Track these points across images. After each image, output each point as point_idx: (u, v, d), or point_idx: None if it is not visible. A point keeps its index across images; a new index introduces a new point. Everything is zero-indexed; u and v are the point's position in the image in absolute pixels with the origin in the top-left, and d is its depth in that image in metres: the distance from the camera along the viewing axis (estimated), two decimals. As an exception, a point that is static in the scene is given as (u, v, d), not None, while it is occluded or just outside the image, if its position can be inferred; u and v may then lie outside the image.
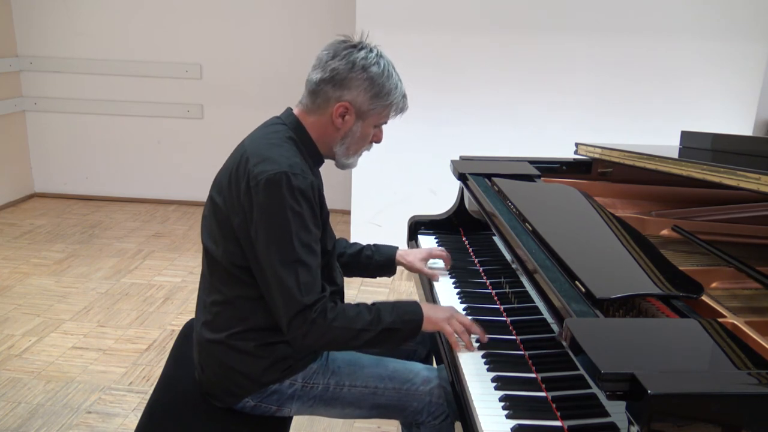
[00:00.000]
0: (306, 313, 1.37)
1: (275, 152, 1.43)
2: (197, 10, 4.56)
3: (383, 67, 1.48)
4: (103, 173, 4.96)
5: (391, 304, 1.49)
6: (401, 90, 1.53)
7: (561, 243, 1.43)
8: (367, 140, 1.56)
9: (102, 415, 2.37)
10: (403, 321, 1.46)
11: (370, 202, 3.96)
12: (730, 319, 1.21)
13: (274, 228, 1.37)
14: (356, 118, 1.50)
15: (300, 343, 1.41)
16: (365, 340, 1.43)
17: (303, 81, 1.54)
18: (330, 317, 1.39)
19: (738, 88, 3.63)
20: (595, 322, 1.12)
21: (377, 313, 1.45)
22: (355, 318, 1.42)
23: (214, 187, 1.52)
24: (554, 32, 3.62)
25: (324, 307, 1.39)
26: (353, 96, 1.47)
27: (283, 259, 1.37)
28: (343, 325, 1.40)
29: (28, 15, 4.66)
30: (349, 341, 1.43)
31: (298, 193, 1.38)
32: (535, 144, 3.64)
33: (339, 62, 1.45)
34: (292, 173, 1.38)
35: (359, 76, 1.45)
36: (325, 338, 1.40)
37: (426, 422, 1.55)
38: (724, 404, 0.89)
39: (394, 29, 3.66)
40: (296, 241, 1.37)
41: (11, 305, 3.20)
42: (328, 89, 1.47)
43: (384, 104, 1.50)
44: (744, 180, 1.52)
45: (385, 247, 1.87)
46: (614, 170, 2.19)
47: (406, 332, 1.48)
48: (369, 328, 1.43)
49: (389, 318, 1.45)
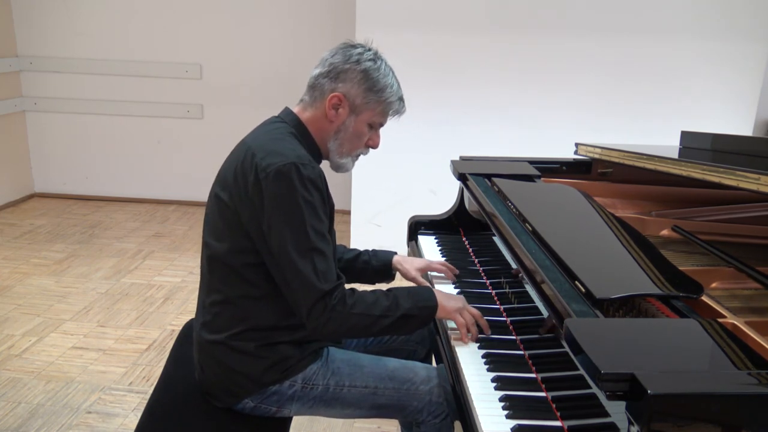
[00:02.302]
0: (326, 300, 1.37)
1: (281, 145, 1.44)
2: (197, 10, 4.56)
3: (379, 64, 1.51)
4: (103, 173, 4.96)
5: (406, 289, 1.51)
6: (397, 91, 1.54)
7: (561, 243, 1.43)
8: (361, 140, 1.56)
9: (102, 415, 2.37)
10: (419, 307, 1.47)
11: (370, 202, 3.96)
12: (730, 319, 1.21)
13: (287, 218, 1.38)
14: (349, 112, 1.51)
15: (321, 331, 1.40)
16: (383, 326, 1.44)
17: (303, 81, 1.56)
18: (350, 303, 1.40)
19: (738, 88, 3.63)
20: (595, 322, 1.12)
21: (395, 299, 1.46)
22: (374, 304, 1.43)
23: (218, 184, 1.52)
24: (554, 32, 3.62)
25: (343, 293, 1.40)
26: (347, 88, 1.49)
27: (299, 248, 1.37)
28: (362, 311, 1.41)
29: (28, 15, 4.66)
30: (369, 327, 1.44)
31: (308, 182, 1.39)
32: (535, 144, 3.64)
33: (337, 57, 1.50)
34: (301, 164, 1.39)
35: (353, 68, 1.49)
36: (345, 325, 1.40)
37: (426, 421, 1.55)
38: (724, 404, 0.89)
39: (394, 29, 3.66)
40: (310, 229, 1.38)
41: (11, 305, 3.20)
42: (324, 82, 1.50)
43: (377, 99, 1.51)
44: (744, 180, 1.52)
45: (383, 253, 1.85)
46: (614, 170, 2.19)
47: (422, 318, 1.49)
48: (388, 314, 1.44)
49: (406, 304, 1.46)
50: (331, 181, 1.50)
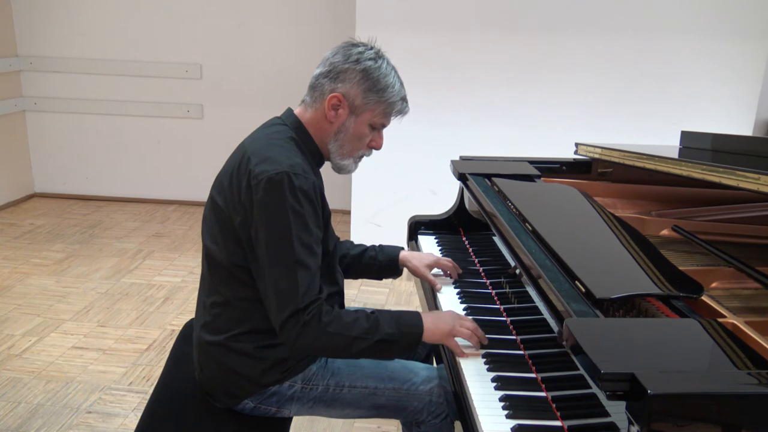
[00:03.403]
0: (300, 314, 1.34)
1: (276, 152, 1.42)
2: (197, 10, 4.56)
3: (380, 63, 1.48)
4: (103, 173, 4.96)
5: (391, 313, 1.46)
6: (399, 91, 1.50)
7: (561, 243, 1.43)
8: (362, 141, 1.53)
9: (102, 415, 2.37)
10: (401, 333, 1.42)
11: (370, 202, 3.96)
12: (730, 319, 1.21)
13: (274, 228, 1.36)
14: (349, 113, 1.49)
15: (292, 345, 1.38)
16: (360, 349, 1.40)
17: (303, 81, 1.55)
18: (325, 321, 1.36)
19: (738, 88, 3.62)
20: (595, 322, 1.12)
21: (375, 321, 1.41)
22: (352, 325, 1.39)
23: (215, 187, 1.52)
24: (554, 32, 3.62)
25: (319, 310, 1.36)
26: (347, 88, 1.47)
27: (282, 260, 1.36)
28: (337, 330, 1.37)
29: (28, 15, 4.66)
30: (344, 348, 1.39)
31: (300, 193, 1.37)
32: (535, 144, 3.64)
33: (337, 57, 1.48)
34: (294, 173, 1.37)
35: (353, 68, 1.46)
36: (318, 342, 1.37)
37: (426, 421, 1.55)
38: (724, 404, 0.89)
39: (394, 29, 3.66)
40: (296, 241, 1.36)
41: (11, 305, 3.20)
42: (324, 82, 1.48)
43: (378, 100, 1.48)
44: (744, 180, 1.52)
45: (390, 248, 1.83)
46: (614, 170, 2.19)
47: (404, 344, 1.44)
48: (365, 337, 1.39)
49: (388, 329, 1.41)
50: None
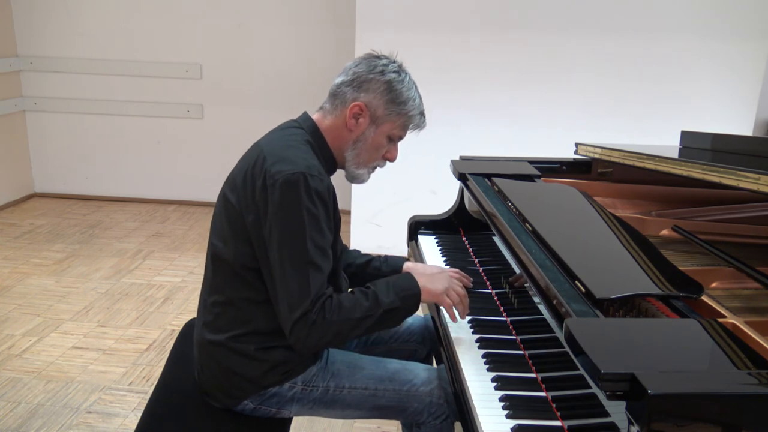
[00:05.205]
0: (308, 315, 1.36)
1: (293, 153, 1.43)
2: (197, 10, 4.56)
3: (403, 77, 1.52)
4: (103, 173, 4.96)
5: (385, 282, 1.48)
6: (419, 105, 1.55)
7: (561, 243, 1.43)
8: (379, 152, 1.56)
9: (102, 415, 2.37)
10: (401, 298, 1.45)
11: (370, 202, 3.96)
12: (730, 319, 1.21)
13: (288, 228, 1.37)
14: (370, 122, 1.51)
15: (302, 345, 1.39)
16: (368, 326, 1.43)
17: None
18: (328, 314, 1.38)
19: (738, 88, 3.63)
20: (595, 322, 1.12)
21: (374, 296, 1.43)
22: (354, 307, 1.41)
23: (227, 185, 1.52)
24: (554, 32, 3.62)
25: (322, 305, 1.38)
26: (369, 98, 1.49)
27: (295, 260, 1.36)
28: (342, 318, 1.39)
29: (28, 15, 4.66)
30: (352, 330, 1.41)
31: (315, 194, 1.38)
32: (535, 144, 3.63)
33: (361, 67, 1.51)
34: (310, 174, 1.38)
35: (378, 78, 1.49)
36: (327, 336, 1.38)
37: (427, 422, 1.55)
38: (724, 404, 0.89)
39: (394, 29, 3.66)
40: (310, 242, 1.37)
41: (11, 305, 3.20)
42: (347, 90, 1.51)
43: (399, 112, 1.51)
44: (744, 180, 1.52)
45: (394, 259, 1.81)
46: (614, 170, 2.19)
47: (407, 309, 1.47)
48: (370, 314, 1.41)
49: (387, 299, 1.43)
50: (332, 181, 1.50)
